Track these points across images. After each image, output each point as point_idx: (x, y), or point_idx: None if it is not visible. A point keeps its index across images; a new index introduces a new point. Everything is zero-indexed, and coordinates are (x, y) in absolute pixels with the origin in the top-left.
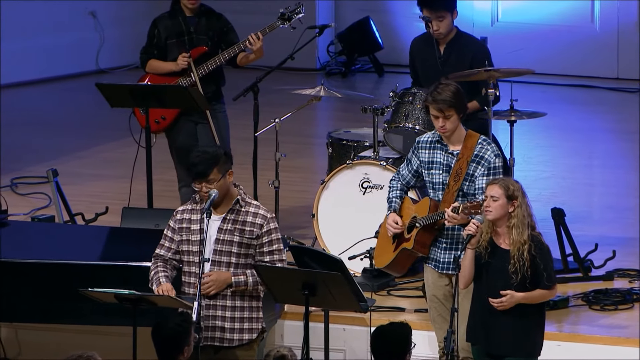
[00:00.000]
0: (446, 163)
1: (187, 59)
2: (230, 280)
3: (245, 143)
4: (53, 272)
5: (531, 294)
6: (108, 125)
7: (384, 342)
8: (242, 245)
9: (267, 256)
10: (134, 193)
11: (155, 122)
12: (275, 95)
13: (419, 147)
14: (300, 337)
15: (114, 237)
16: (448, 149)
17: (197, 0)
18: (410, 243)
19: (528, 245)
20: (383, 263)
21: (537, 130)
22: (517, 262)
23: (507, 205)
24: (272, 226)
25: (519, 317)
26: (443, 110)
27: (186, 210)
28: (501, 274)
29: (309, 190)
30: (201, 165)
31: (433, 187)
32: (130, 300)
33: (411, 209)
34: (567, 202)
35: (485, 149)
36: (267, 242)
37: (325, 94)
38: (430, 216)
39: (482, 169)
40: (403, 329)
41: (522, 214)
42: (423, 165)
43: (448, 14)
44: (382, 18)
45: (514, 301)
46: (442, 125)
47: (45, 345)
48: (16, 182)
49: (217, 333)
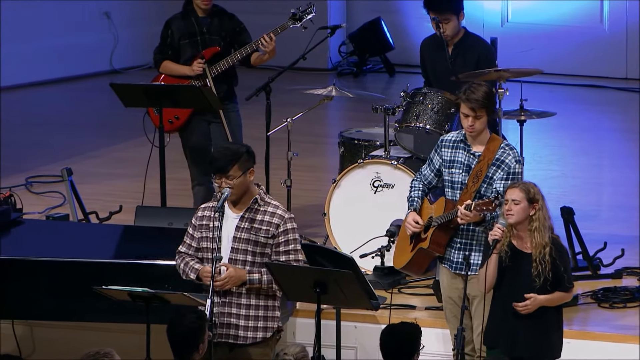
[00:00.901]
0: (467, 163)
1: (202, 65)
2: (245, 278)
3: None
4: (67, 270)
5: (552, 296)
6: (122, 125)
7: (393, 341)
8: (258, 244)
9: (282, 256)
10: (148, 192)
11: (168, 122)
12: (287, 95)
13: (442, 145)
14: (312, 335)
15: (128, 236)
16: (470, 149)
17: (211, 1)
18: (426, 242)
19: (549, 248)
20: (401, 264)
21: (547, 129)
22: (540, 265)
23: (528, 208)
24: (290, 226)
25: (540, 320)
26: (475, 109)
27: (207, 208)
28: (523, 278)
29: (320, 189)
30: (222, 160)
31: (452, 187)
32: (144, 297)
33: (429, 209)
34: (577, 201)
35: (507, 153)
36: (284, 241)
37: (337, 94)
38: (445, 215)
39: (502, 172)
40: (413, 329)
41: (543, 217)
42: (444, 164)
43: (453, 17)
44: (393, 19)
45: (537, 304)
46: (471, 125)
47: (60, 343)
48: (31, 181)
49: (232, 330)
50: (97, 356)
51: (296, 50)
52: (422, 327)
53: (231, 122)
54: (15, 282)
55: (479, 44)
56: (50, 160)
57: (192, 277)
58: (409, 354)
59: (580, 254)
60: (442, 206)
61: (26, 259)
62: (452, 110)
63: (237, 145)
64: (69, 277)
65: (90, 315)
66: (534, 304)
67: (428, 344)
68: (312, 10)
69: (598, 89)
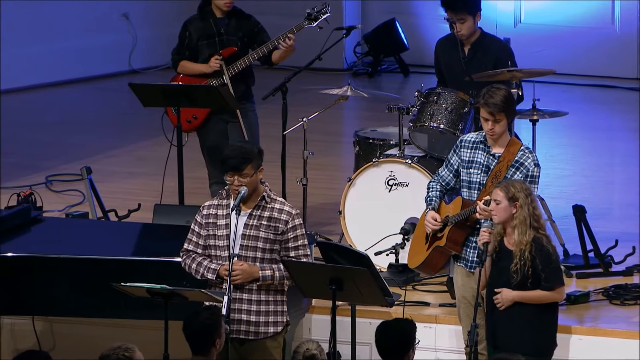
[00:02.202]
0: (486, 164)
1: (219, 61)
2: (258, 275)
3: (274, 141)
4: (87, 267)
5: (527, 293)
6: (141, 124)
7: (387, 337)
8: (268, 241)
9: (292, 251)
10: (166, 190)
11: (186, 121)
12: (303, 95)
13: (462, 145)
14: (328, 331)
15: (146, 233)
16: (490, 150)
17: (232, 1)
18: (443, 240)
19: (529, 246)
20: (416, 263)
21: (559, 129)
22: (519, 261)
23: (509, 207)
24: (297, 222)
25: (515, 317)
26: (494, 113)
27: (212, 206)
28: (504, 273)
29: (336, 188)
30: (237, 159)
31: (469, 186)
32: (162, 294)
33: (446, 209)
34: (588, 199)
35: (527, 156)
36: (292, 237)
37: (352, 94)
38: (462, 212)
39: (520, 175)
40: (406, 326)
41: (523, 215)
42: (463, 164)
43: (469, 17)
44: (407, 20)
45: (510, 298)
46: (491, 128)
47: (79, 339)
48: (51, 179)
49: (243, 326)
50: (119, 351)
51: (312, 50)
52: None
53: (248, 122)
54: (35, 279)
55: (497, 45)
56: (70, 159)
57: (210, 277)
58: (404, 350)
59: (592, 252)
60: (458, 205)
61: (46, 256)
62: (466, 110)
63: (249, 144)
64: (88, 274)
65: (109, 311)
66: (506, 298)
67: (442, 340)
68: (327, 10)
69: (610, 89)
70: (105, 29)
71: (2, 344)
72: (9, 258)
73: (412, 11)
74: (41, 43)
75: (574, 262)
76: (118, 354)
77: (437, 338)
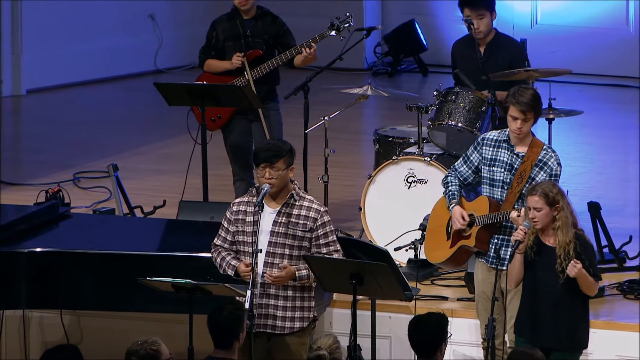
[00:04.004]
0: (510, 162)
1: (241, 58)
2: (295, 275)
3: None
4: (113, 262)
5: (587, 276)
6: (166, 123)
7: (420, 331)
8: (296, 238)
9: (323, 248)
10: (190, 187)
11: (211, 120)
12: (324, 94)
13: (483, 143)
14: (348, 324)
15: (171, 229)
16: (514, 149)
17: (247, 1)
18: (472, 241)
19: (574, 244)
20: (439, 258)
21: (574, 127)
22: (564, 261)
23: (550, 211)
24: (326, 219)
25: (565, 311)
26: (525, 112)
27: (242, 203)
28: (549, 271)
29: (356, 185)
30: (270, 151)
31: (492, 184)
32: (186, 289)
33: (467, 206)
34: (603, 196)
35: (550, 155)
36: (323, 234)
37: (372, 93)
38: (494, 215)
39: (544, 174)
40: (440, 319)
41: (565, 216)
42: (484, 162)
43: (488, 13)
44: (426, 21)
45: (576, 271)
46: (519, 127)
47: (106, 331)
48: (78, 176)
49: (270, 321)
50: (146, 345)
51: (333, 51)
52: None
53: (272, 121)
54: (63, 274)
55: (512, 44)
56: (97, 156)
57: (230, 273)
58: (437, 343)
59: (607, 247)
60: (484, 205)
61: (74, 251)
62: (483, 109)
63: (282, 141)
64: (115, 268)
65: (134, 305)
66: (573, 270)
67: (459, 334)
68: (350, 21)
69: (624, 88)
70: (132, 30)
71: (31, 337)
72: (37, 253)
73: (431, 12)
74: (73, 43)
75: None
76: (146, 348)
77: (454, 332)
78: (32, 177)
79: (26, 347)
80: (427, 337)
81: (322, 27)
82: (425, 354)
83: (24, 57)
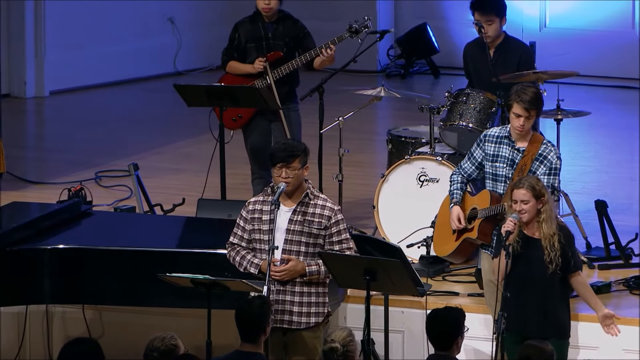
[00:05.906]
0: (511, 158)
1: (264, 63)
2: (305, 271)
3: (311, 140)
4: (134, 259)
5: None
6: (185, 124)
7: (438, 325)
8: (311, 236)
9: (336, 245)
10: (209, 186)
11: (232, 120)
12: (339, 95)
13: (486, 140)
14: (362, 319)
15: (190, 226)
16: (515, 145)
17: (269, 7)
18: (474, 233)
19: (558, 235)
20: (445, 252)
21: (582, 128)
22: (551, 252)
23: (537, 204)
24: (339, 217)
25: (545, 297)
26: (528, 109)
27: (258, 202)
28: (537, 263)
29: (370, 184)
30: (286, 151)
31: (494, 179)
32: (205, 284)
33: (471, 201)
34: (610, 194)
35: (550, 149)
36: (336, 232)
37: (385, 94)
38: (494, 208)
39: (544, 168)
40: (457, 314)
41: (549, 209)
42: (487, 157)
43: (497, 19)
44: (438, 24)
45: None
46: (522, 124)
47: (126, 326)
48: (100, 175)
49: (286, 316)
50: (166, 340)
51: (348, 53)
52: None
53: (291, 121)
54: (85, 270)
55: (519, 47)
56: (119, 155)
57: (253, 271)
58: (454, 337)
59: (613, 244)
60: (486, 198)
61: (95, 248)
62: (493, 110)
63: (297, 141)
64: (135, 265)
65: (154, 300)
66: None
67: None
68: (368, 25)
69: (630, 89)
70: (152, 33)
71: (54, 331)
72: (60, 250)
73: (443, 15)
74: (95, 46)
75: (596, 255)
76: (166, 344)
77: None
78: (55, 176)
79: (49, 341)
80: (444, 330)
81: (336, 31)
82: (442, 346)
83: (47, 59)
